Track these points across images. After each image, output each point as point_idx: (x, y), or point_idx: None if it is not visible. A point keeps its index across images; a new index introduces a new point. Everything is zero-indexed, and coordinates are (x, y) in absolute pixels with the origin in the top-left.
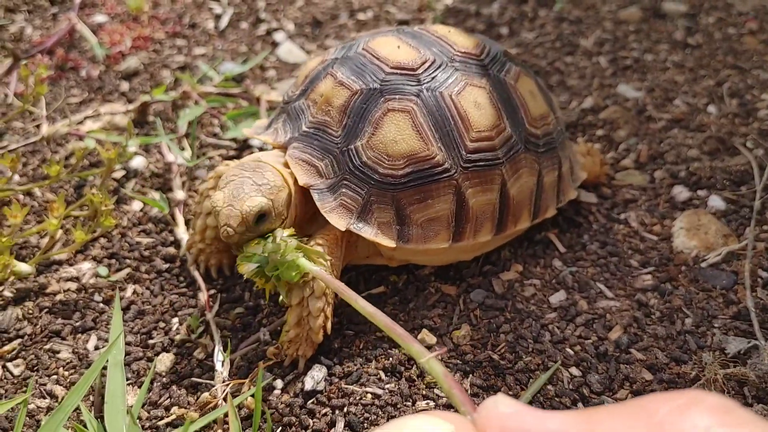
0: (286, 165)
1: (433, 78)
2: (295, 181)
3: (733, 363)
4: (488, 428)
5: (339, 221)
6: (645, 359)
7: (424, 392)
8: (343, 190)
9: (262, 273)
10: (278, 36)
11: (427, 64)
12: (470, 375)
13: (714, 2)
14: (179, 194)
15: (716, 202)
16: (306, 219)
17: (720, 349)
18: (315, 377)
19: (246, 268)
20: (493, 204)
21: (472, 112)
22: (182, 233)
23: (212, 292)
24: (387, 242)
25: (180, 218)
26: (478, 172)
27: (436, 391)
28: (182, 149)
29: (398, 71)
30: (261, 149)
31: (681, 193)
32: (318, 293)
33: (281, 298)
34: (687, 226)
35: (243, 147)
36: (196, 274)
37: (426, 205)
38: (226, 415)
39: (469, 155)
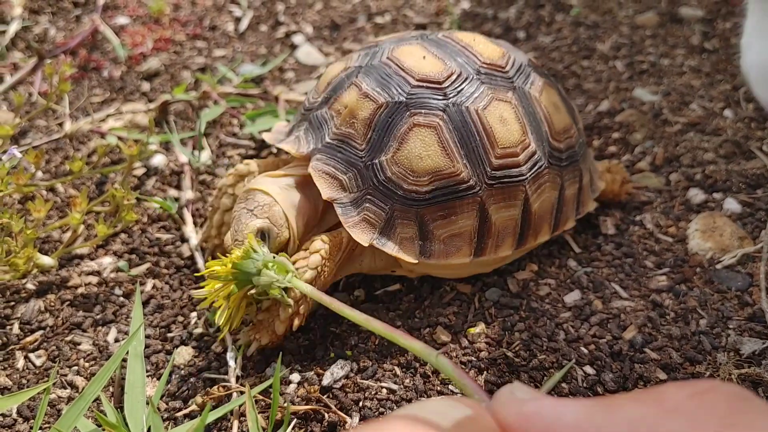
0: (287, 175)
1: (459, 92)
2: (301, 188)
3: (748, 363)
4: (505, 414)
5: (362, 236)
6: (659, 359)
7: (438, 388)
8: (367, 204)
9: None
10: (297, 39)
11: (453, 77)
12: (485, 372)
13: (731, 8)
14: (188, 194)
15: (732, 204)
16: (315, 223)
17: (734, 349)
18: (335, 374)
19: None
20: (515, 219)
21: (498, 128)
22: (190, 232)
23: None
24: (409, 258)
25: (188, 218)
26: (502, 189)
27: (450, 387)
28: (202, 148)
29: (424, 84)
30: (279, 149)
31: (696, 195)
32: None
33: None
34: (702, 228)
35: (261, 146)
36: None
37: (449, 221)
38: (241, 407)
39: (494, 172)
